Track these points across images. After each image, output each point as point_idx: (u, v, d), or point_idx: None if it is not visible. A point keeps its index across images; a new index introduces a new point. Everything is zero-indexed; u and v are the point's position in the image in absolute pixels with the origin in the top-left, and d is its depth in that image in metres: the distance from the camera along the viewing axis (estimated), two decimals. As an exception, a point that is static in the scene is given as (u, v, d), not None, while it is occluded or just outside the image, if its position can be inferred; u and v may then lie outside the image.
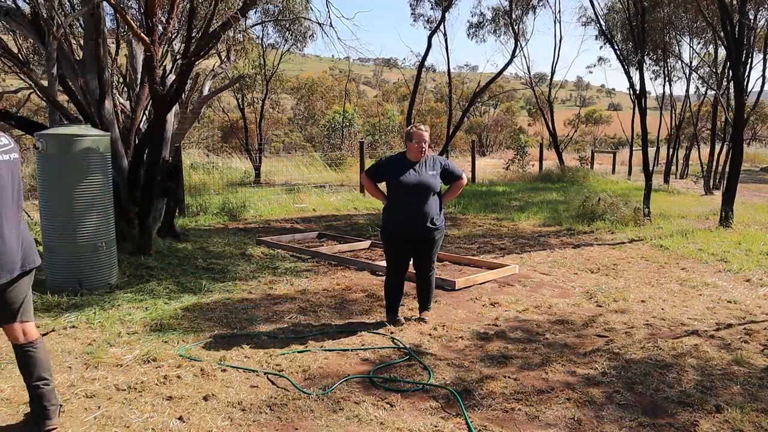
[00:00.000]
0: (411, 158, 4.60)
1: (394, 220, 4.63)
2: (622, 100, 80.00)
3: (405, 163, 4.61)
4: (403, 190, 4.53)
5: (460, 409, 3.29)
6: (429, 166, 4.60)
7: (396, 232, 4.62)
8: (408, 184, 4.51)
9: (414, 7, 17.03)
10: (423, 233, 4.57)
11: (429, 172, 4.57)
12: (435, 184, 4.58)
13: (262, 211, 10.82)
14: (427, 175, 4.55)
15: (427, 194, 4.53)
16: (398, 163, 4.64)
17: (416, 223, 4.53)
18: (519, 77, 25.97)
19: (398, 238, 4.63)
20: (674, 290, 5.84)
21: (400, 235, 4.61)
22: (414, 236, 4.59)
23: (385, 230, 4.72)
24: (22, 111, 14.11)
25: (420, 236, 4.59)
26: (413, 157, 4.59)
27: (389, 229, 4.67)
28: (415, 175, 4.53)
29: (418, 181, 4.52)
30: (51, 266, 5.45)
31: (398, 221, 4.60)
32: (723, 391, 3.55)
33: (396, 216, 4.61)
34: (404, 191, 4.53)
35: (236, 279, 6.01)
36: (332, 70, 58.31)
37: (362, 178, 4.84)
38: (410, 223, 4.54)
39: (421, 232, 4.56)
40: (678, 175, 21.17)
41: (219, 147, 24.06)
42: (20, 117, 7.26)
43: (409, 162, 4.60)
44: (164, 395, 3.41)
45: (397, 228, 4.61)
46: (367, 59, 49.72)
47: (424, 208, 4.51)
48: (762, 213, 10.71)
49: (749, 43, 10.85)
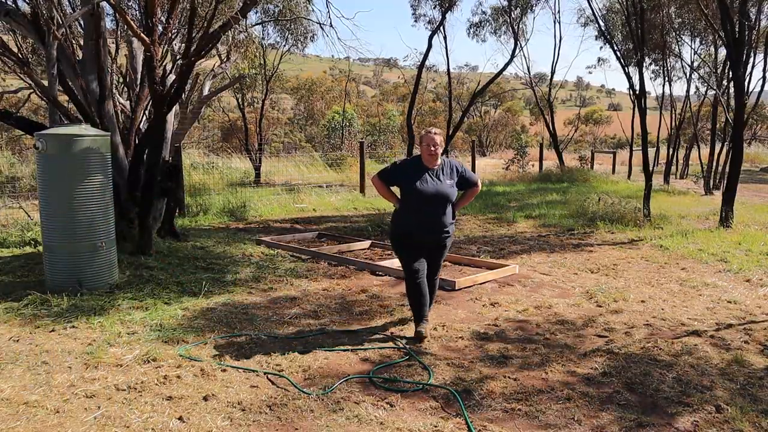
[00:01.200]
0: (426, 164, 4.41)
1: (406, 225, 4.45)
2: (622, 100, 80.00)
3: (421, 169, 4.39)
4: (419, 199, 4.34)
5: (460, 409, 3.29)
6: (447, 175, 4.42)
7: (407, 236, 4.45)
8: (425, 193, 4.32)
9: (415, 7, 17.03)
10: (435, 240, 4.46)
11: (447, 181, 4.40)
12: (453, 194, 4.44)
13: (262, 211, 10.82)
14: (446, 186, 4.38)
15: (444, 204, 4.39)
16: (414, 168, 4.42)
17: (430, 230, 4.41)
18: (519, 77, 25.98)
19: (408, 241, 4.46)
20: (674, 290, 5.84)
21: (411, 238, 4.44)
22: (425, 241, 4.46)
23: (395, 234, 4.54)
24: (22, 111, 14.11)
25: (432, 242, 4.47)
26: (428, 163, 4.40)
27: (400, 232, 4.49)
28: (434, 184, 4.35)
29: (437, 191, 4.35)
30: (51, 266, 5.45)
31: (411, 227, 4.43)
32: (723, 391, 3.55)
33: (408, 222, 4.43)
34: (421, 199, 4.34)
35: (236, 279, 6.01)
36: (332, 70, 58.28)
37: (373, 181, 4.59)
38: (423, 230, 4.41)
39: (433, 239, 4.45)
40: (678, 175, 21.16)
41: (219, 147, 24.07)
42: (20, 117, 7.26)
43: (424, 168, 4.40)
44: (164, 395, 3.41)
45: (409, 233, 4.44)
46: (367, 59, 49.73)
47: (440, 217, 4.39)
48: (762, 213, 10.71)
49: (750, 44, 10.85)
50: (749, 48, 10.78)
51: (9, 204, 9.53)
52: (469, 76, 47.18)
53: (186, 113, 9.22)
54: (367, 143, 21.42)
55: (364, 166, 13.69)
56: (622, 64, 11.73)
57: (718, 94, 15.88)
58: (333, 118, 28.23)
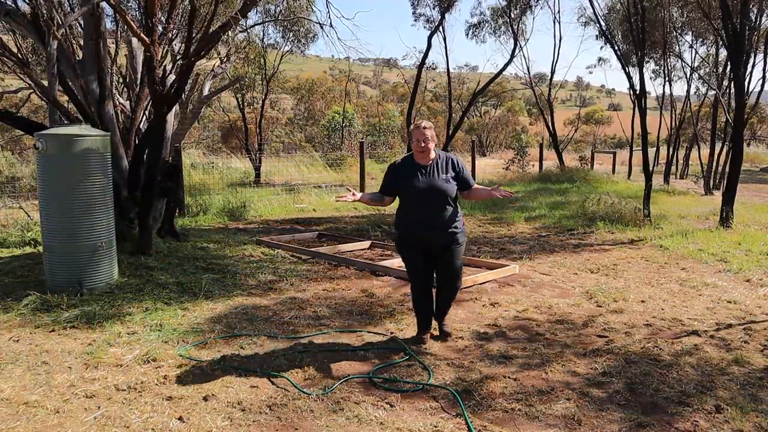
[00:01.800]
0: (418, 161, 4.13)
1: (405, 228, 4.21)
2: (622, 100, 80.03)
3: (413, 167, 4.12)
4: (412, 197, 4.09)
5: (460, 409, 3.29)
6: (441, 169, 4.11)
7: (407, 237, 4.22)
8: (417, 190, 4.05)
9: (415, 6, 17.01)
10: (438, 242, 4.13)
11: (441, 176, 4.08)
12: (449, 189, 4.09)
13: (262, 211, 10.82)
14: (440, 180, 4.07)
15: (440, 201, 4.07)
16: (405, 167, 4.16)
17: (430, 230, 4.10)
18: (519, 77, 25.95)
19: (410, 242, 4.21)
20: (674, 290, 5.84)
21: (412, 239, 4.19)
22: (429, 244, 4.15)
23: (398, 236, 4.32)
24: (22, 111, 14.11)
25: (435, 244, 4.15)
26: (420, 159, 4.12)
27: (400, 234, 4.27)
28: (425, 180, 4.05)
29: (429, 186, 4.05)
30: (51, 266, 5.45)
31: (410, 227, 4.18)
32: (723, 391, 3.55)
33: (407, 224, 4.19)
34: (413, 198, 4.08)
35: (236, 279, 6.01)
36: (332, 70, 58.26)
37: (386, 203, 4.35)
38: (423, 231, 4.12)
39: (436, 241, 4.13)
40: (678, 175, 21.17)
41: (219, 147, 24.07)
42: (20, 117, 7.27)
43: (416, 165, 4.12)
44: (164, 395, 3.41)
45: (409, 234, 4.20)
46: (367, 59, 49.82)
47: (438, 215, 4.07)
48: (762, 213, 10.70)
49: (750, 44, 10.85)
50: (749, 48, 10.79)
51: (9, 204, 9.53)
52: (469, 76, 47.21)
53: (186, 113, 9.21)
54: (367, 143, 21.43)
55: (364, 167, 13.68)
56: (622, 63, 11.72)
57: (719, 95, 15.89)
58: (333, 118, 28.22)
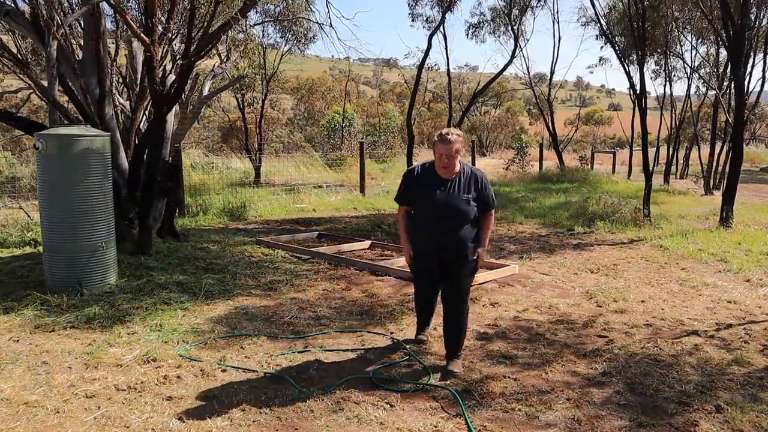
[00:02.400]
0: (440, 173, 3.80)
1: (415, 239, 3.96)
2: (622, 100, 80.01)
3: (432, 177, 3.81)
4: (426, 210, 3.82)
5: (460, 409, 3.29)
6: (463, 188, 3.76)
7: (417, 246, 3.97)
8: (432, 205, 3.76)
9: (412, 6, 16.95)
10: (448, 258, 3.83)
11: (463, 195, 3.75)
12: (468, 210, 3.75)
13: (262, 211, 10.82)
14: (459, 200, 3.74)
15: (458, 221, 3.75)
16: (425, 176, 3.85)
17: (441, 248, 3.81)
18: (519, 77, 25.93)
19: (419, 250, 3.97)
20: (674, 290, 5.84)
21: (421, 250, 3.95)
22: (438, 258, 3.86)
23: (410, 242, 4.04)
24: (22, 111, 14.12)
25: (444, 259, 3.84)
26: (443, 174, 3.79)
27: (411, 241, 4.00)
28: (443, 196, 3.74)
29: (446, 203, 3.73)
30: (51, 266, 5.45)
31: (419, 242, 3.94)
32: (723, 391, 3.55)
33: (418, 237, 3.94)
34: (429, 212, 3.80)
35: (236, 279, 6.01)
36: (332, 70, 58.24)
37: (398, 216, 4.19)
38: (433, 247, 3.83)
39: (445, 255, 3.83)
40: (678, 175, 21.17)
41: (219, 147, 24.06)
42: (20, 117, 7.28)
43: (436, 176, 3.80)
44: (164, 395, 3.41)
45: (418, 246, 3.96)
46: (367, 59, 49.82)
47: (452, 233, 3.76)
48: (762, 213, 10.70)
49: (750, 44, 10.85)
50: (749, 48, 10.79)
51: (9, 204, 9.54)
52: (469, 76, 47.18)
53: (186, 113, 9.21)
54: (367, 143, 21.41)
55: (364, 167, 13.68)
56: (622, 63, 11.73)
57: (719, 95, 15.89)
58: (333, 118, 28.20)
